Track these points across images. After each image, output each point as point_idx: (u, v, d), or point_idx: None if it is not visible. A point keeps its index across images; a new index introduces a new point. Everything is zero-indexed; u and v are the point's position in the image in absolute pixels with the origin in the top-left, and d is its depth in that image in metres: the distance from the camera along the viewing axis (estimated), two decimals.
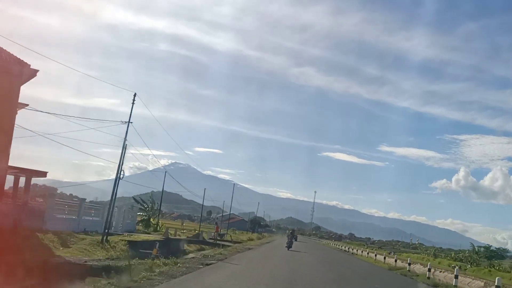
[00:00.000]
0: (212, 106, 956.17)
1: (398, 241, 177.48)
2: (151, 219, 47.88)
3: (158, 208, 50.12)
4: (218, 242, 42.60)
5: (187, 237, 44.90)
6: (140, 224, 45.51)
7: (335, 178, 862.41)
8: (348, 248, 58.20)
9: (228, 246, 37.90)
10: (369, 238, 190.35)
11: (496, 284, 16.56)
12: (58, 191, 55.05)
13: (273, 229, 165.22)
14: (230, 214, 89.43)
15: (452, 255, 43.09)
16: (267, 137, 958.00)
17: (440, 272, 23.36)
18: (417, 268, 27.12)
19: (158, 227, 45.59)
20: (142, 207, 49.17)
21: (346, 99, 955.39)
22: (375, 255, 40.55)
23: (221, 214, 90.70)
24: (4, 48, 19.86)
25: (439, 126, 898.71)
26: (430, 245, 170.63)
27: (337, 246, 74.15)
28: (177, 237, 42.17)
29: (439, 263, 29.70)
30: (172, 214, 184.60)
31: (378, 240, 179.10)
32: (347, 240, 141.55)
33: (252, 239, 64.84)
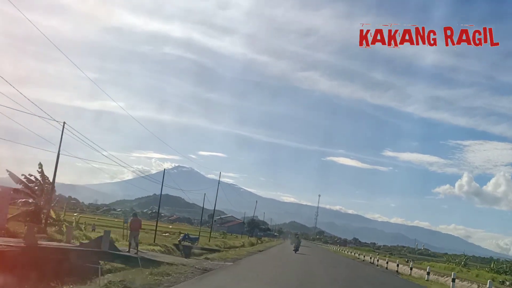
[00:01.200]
0: (217, 110, 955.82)
1: (403, 247, 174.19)
2: (52, 213, 29.69)
3: (51, 191, 29.05)
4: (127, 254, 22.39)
5: (80, 243, 24.06)
6: (21, 220, 27.43)
7: (338, 183, 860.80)
8: (378, 260, 39.74)
9: (160, 264, 16.86)
10: (374, 243, 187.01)
11: None
12: (57, 193, 51.82)
13: (275, 233, 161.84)
14: (214, 214, 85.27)
15: (492, 265, 37.89)
16: (271, 141, 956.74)
17: None
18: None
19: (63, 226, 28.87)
20: (28, 191, 29.06)
21: (351, 104, 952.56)
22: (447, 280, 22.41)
23: (219, 217, 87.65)
24: None
25: (443, 132, 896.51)
26: (434, 251, 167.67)
27: (354, 254, 59.60)
28: (64, 244, 22.66)
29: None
30: (171, 217, 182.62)
31: (383, 246, 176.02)
32: (353, 245, 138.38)
33: (242, 246, 52.62)
